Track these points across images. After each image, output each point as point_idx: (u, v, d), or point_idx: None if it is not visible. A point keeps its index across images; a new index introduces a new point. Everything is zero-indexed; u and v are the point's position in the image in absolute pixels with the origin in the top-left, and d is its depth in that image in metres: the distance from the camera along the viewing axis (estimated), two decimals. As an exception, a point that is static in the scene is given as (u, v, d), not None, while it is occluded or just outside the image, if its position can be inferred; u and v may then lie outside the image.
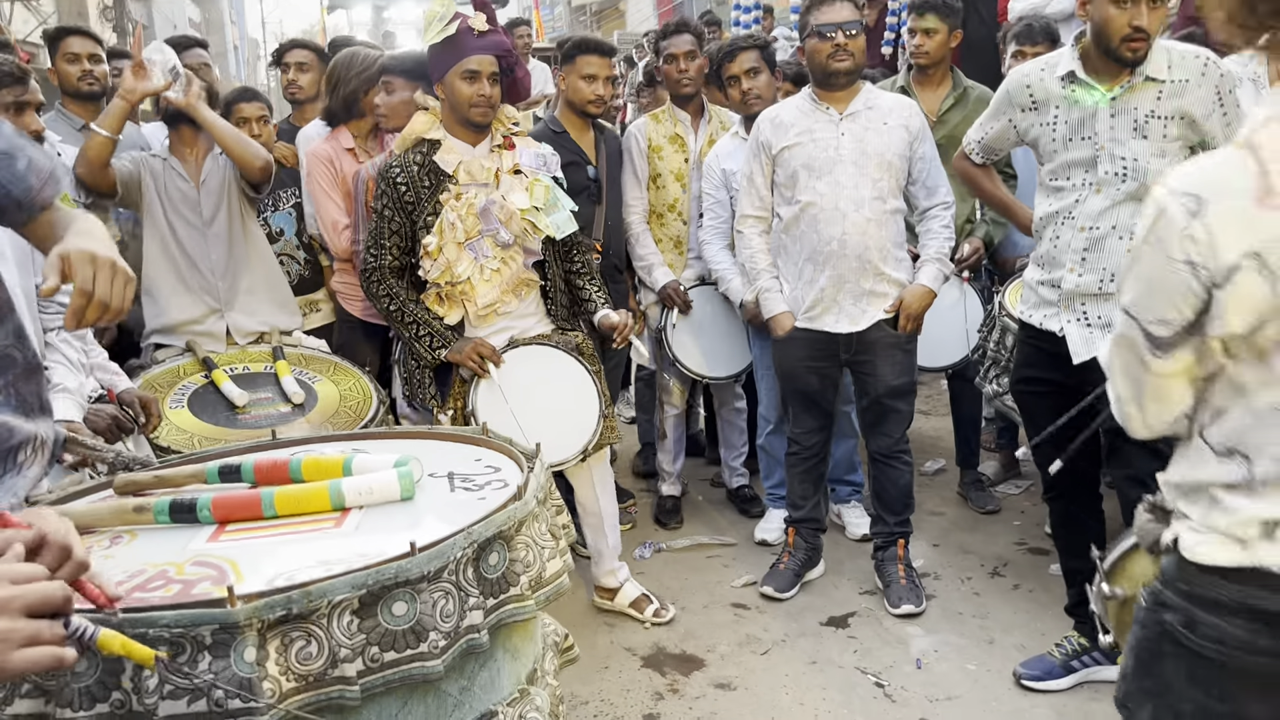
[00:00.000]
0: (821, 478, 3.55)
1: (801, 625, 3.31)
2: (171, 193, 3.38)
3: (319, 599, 1.23)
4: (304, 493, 1.55)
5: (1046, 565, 3.58)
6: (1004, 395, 3.34)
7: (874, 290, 3.23)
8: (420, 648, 1.29)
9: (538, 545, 1.48)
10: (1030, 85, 2.70)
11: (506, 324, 3.08)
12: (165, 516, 1.55)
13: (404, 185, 2.95)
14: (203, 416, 3.08)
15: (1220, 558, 1.34)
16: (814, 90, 3.22)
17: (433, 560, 1.31)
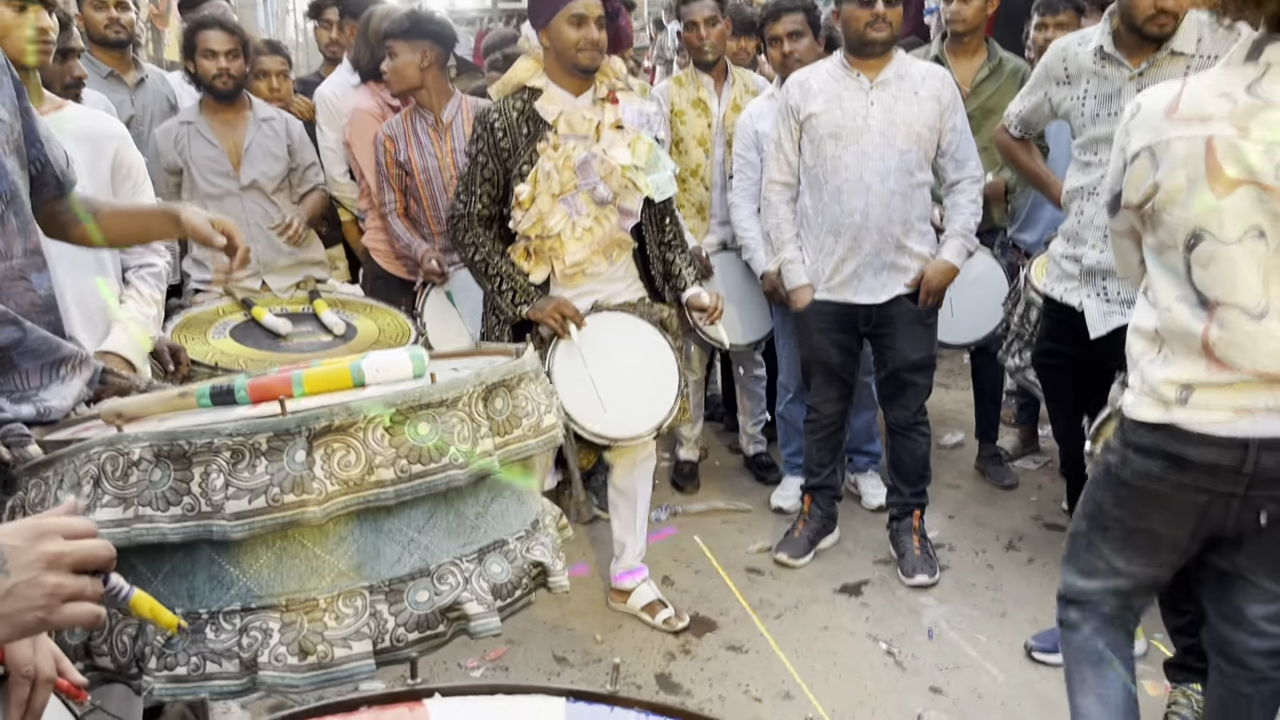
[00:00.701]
0: (839, 446, 3.56)
1: (815, 592, 3.33)
2: (197, 158, 3.39)
3: (356, 413, 1.41)
4: (328, 372, 1.70)
5: (1061, 541, 3.57)
6: (1026, 370, 3.33)
7: (895, 264, 3.21)
8: (443, 460, 1.46)
9: (535, 400, 1.65)
10: (1066, 58, 2.69)
11: (593, 286, 2.94)
12: (206, 400, 1.69)
13: (501, 131, 2.82)
14: (246, 343, 3.12)
15: (1148, 415, 1.82)
16: (845, 56, 3.18)
17: (450, 389, 1.49)
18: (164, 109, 3.91)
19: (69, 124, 2.32)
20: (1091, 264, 2.64)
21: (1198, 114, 1.71)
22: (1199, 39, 2.47)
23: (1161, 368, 1.80)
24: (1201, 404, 1.75)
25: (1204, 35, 2.47)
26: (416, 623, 1.45)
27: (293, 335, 3.21)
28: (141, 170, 2.49)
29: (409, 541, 1.48)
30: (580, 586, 3.36)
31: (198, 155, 3.39)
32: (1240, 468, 1.74)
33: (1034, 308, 3.25)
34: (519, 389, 1.62)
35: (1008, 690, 2.78)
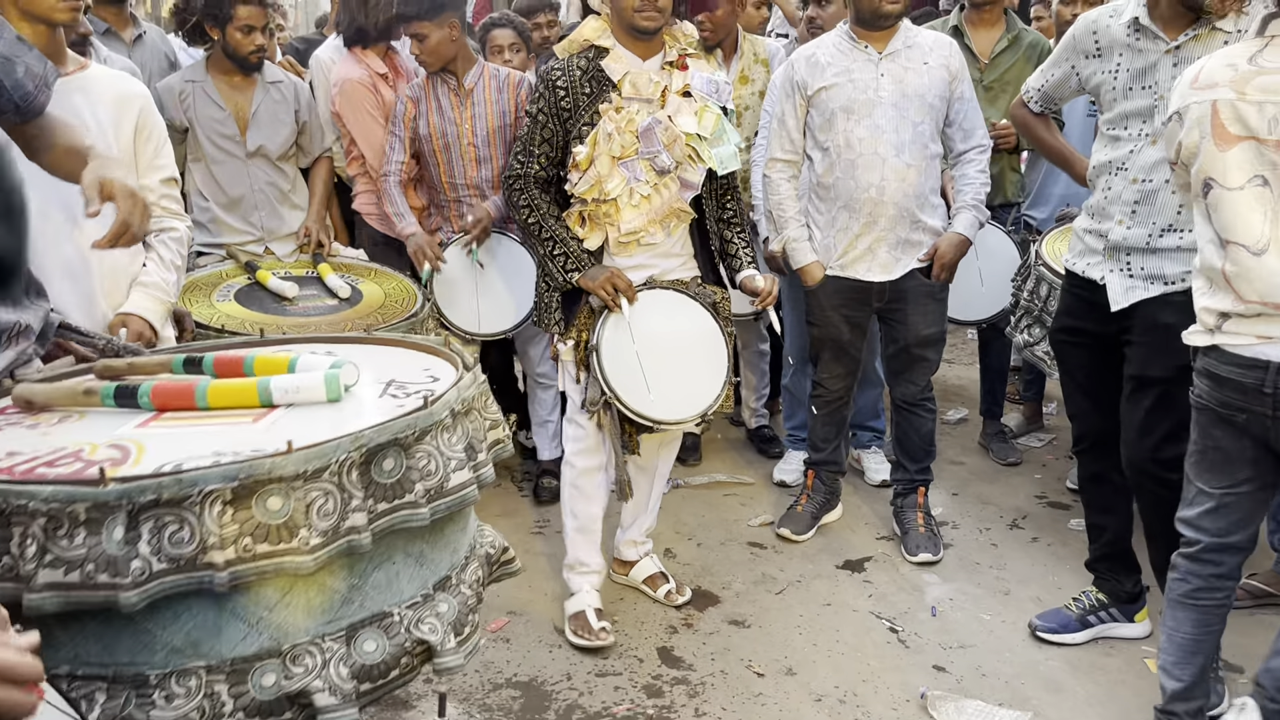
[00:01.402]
0: (844, 422, 3.53)
1: (817, 567, 3.32)
2: (203, 119, 3.33)
3: (190, 487, 1.26)
4: (235, 387, 1.61)
5: (1066, 520, 3.57)
6: (1035, 345, 3.29)
7: (910, 239, 3.16)
8: (293, 542, 1.31)
9: (442, 455, 1.47)
10: (1097, 31, 2.62)
11: (647, 259, 2.81)
12: (111, 400, 1.62)
13: (563, 90, 2.70)
14: (251, 307, 3.09)
15: (1199, 340, 2.15)
16: (853, 28, 3.10)
17: (311, 460, 1.32)
18: (163, 67, 3.83)
19: (93, 85, 2.27)
20: (1117, 240, 2.60)
21: (1209, 82, 2.05)
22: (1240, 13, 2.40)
23: (1207, 298, 2.12)
24: (1232, 330, 2.08)
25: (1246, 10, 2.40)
26: (259, 708, 1.32)
27: (298, 299, 3.16)
28: (163, 133, 2.45)
29: (257, 620, 1.34)
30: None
31: (203, 116, 3.32)
32: (1262, 388, 2.04)
33: (1044, 283, 3.20)
34: (420, 445, 1.44)
35: (1011, 669, 2.77)
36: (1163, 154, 2.50)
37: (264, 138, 3.38)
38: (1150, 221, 2.55)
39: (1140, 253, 2.58)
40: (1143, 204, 2.56)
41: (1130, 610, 2.90)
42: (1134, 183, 2.56)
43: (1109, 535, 2.88)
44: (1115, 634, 2.89)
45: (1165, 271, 2.55)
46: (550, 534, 3.55)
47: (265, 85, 3.41)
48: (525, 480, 3.98)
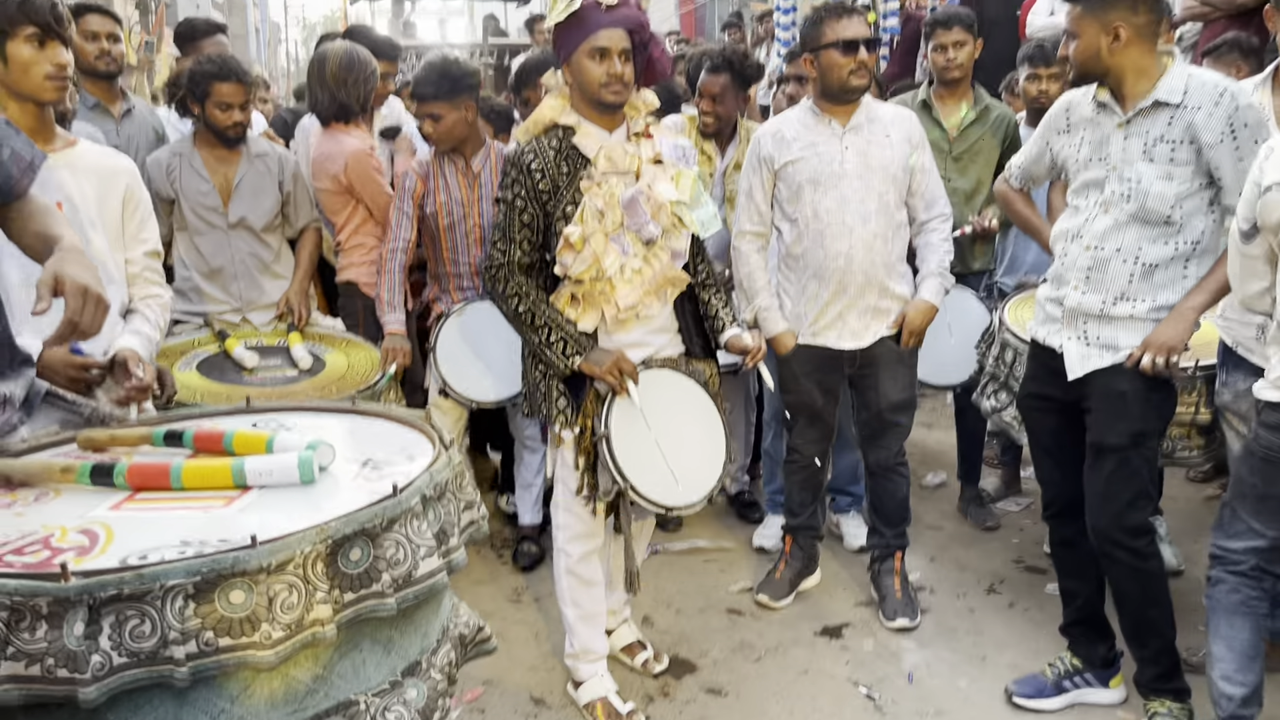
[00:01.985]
0: (820, 486, 3.56)
1: (795, 634, 3.31)
2: (188, 191, 3.40)
3: (151, 582, 1.27)
4: (209, 468, 1.63)
5: (1043, 584, 3.58)
6: (1002, 411, 3.34)
7: (879, 306, 3.22)
8: (254, 636, 1.31)
9: (410, 543, 1.47)
10: (1069, 108, 2.75)
11: (644, 336, 2.77)
12: (87, 479, 1.64)
13: (539, 172, 2.64)
14: (210, 377, 3.13)
15: (1274, 396, 2.29)
16: (816, 102, 3.20)
17: (275, 553, 1.33)
18: (150, 140, 3.91)
19: (80, 161, 2.33)
20: (1073, 305, 2.67)
21: None
22: (1185, 91, 2.50)
23: None
24: None
25: (1190, 88, 2.51)
26: None
27: (258, 369, 3.21)
28: (148, 207, 2.51)
29: (219, 713, 1.35)
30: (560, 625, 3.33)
31: (188, 188, 3.39)
32: None
33: (1009, 349, 3.27)
34: (388, 534, 1.44)
35: (988, 737, 2.76)
36: (1112, 222, 2.60)
37: (246, 209, 3.44)
38: (1104, 288, 2.62)
39: (1095, 320, 2.65)
40: (1095, 270, 2.63)
41: (1105, 675, 2.90)
42: (1087, 249, 2.64)
43: (1081, 600, 2.90)
44: (1090, 700, 2.88)
45: (1119, 342, 2.61)
46: (528, 601, 3.54)
47: (250, 157, 3.48)
48: (504, 546, 3.97)
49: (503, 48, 10.76)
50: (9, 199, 1.84)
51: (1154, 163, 2.54)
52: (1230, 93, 2.49)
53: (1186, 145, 2.51)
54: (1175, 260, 2.57)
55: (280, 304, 3.51)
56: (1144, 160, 2.55)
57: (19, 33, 2.13)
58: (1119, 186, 2.59)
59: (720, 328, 2.89)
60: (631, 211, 2.65)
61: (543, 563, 3.75)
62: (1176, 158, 2.52)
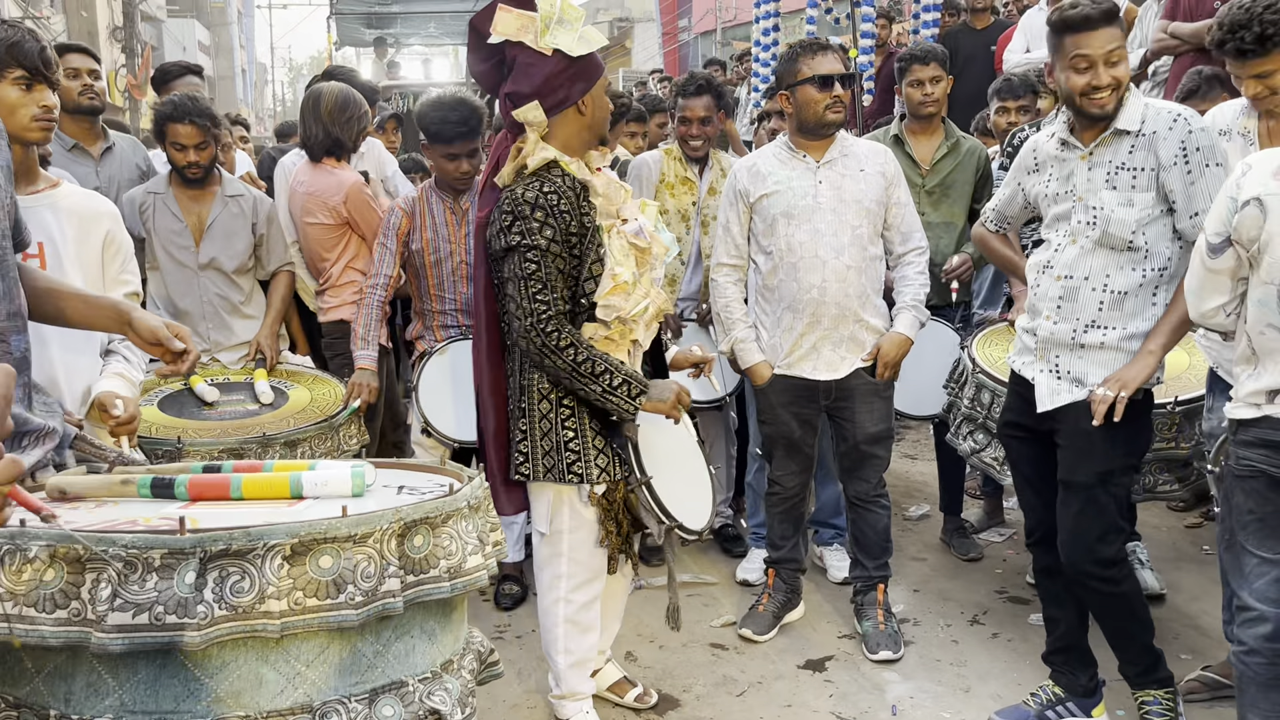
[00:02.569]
0: (801, 518, 3.56)
1: (779, 668, 3.30)
2: (160, 230, 3.41)
3: (256, 540, 1.41)
4: (268, 480, 1.74)
5: (1026, 614, 3.58)
6: (981, 452, 3.35)
7: (853, 338, 3.24)
8: (339, 599, 1.44)
9: (462, 539, 1.61)
10: (1036, 149, 2.82)
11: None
12: (147, 490, 1.72)
13: (568, 214, 2.50)
14: (169, 411, 3.15)
15: (1247, 414, 2.26)
16: (792, 138, 3.25)
17: (359, 525, 1.47)
18: (133, 177, 3.91)
19: (63, 202, 2.36)
20: (1046, 335, 2.72)
21: None
22: (1143, 119, 2.58)
23: (1255, 381, 2.24)
24: None
25: (1147, 116, 2.59)
26: None
27: (219, 404, 3.22)
28: (129, 249, 2.53)
29: (295, 675, 1.47)
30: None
31: (161, 227, 3.41)
32: None
33: (985, 390, 3.29)
34: (444, 527, 1.60)
35: (971, 769, 2.75)
36: (1079, 251, 2.65)
37: (217, 250, 3.45)
38: (1074, 317, 2.67)
39: (1067, 350, 2.68)
40: (1066, 300, 2.68)
41: (1088, 704, 2.90)
42: (1058, 279, 2.69)
43: (1063, 628, 2.90)
44: None
45: (1088, 378, 2.65)
46: (510, 639, 3.51)
47: (224, 198, 3.50)
48: (488, 584, 3.95)
49: (487, 87, 10.84)
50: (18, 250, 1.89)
51: (1116, 190, 2.60)
52: (1184, 118, 2.57)
53: (1146, 171, 2.57)
54: (1144, 287, 2.61)
55: (251, 348, 3.51)
56: (1107, 188, 2.61)
57: (7, 75, 2.16)
58: (1084, 215, 2.65)
59: (665, 347, 2.94)
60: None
61: (525, 601, 3.73)
62: (1138, 184, 2.58)
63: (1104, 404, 2.56)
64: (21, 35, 2.16)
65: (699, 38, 22.08)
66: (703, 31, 21.90)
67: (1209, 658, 3.19)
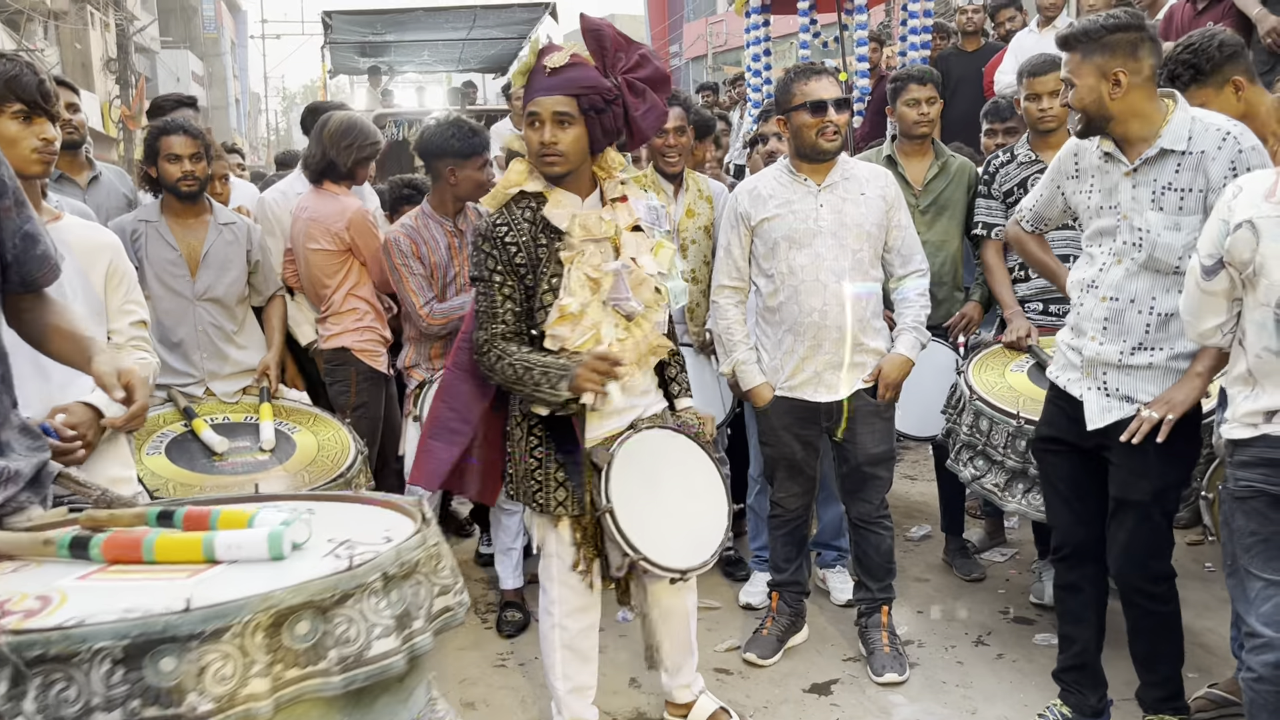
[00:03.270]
0: (804, 540, 3.55)
1: (784, 692, 3.28)
2: (154, 258, 3.39)
3: (79, 643, 1.24)
4: (180, 541, 1.61)
5: (1031, 635, 3.57)
6: (981, 478, 3.35)
7: (854, 360, 3.25)
8: (181, 709, 1.24)
9: (366, 622, 1.39)
10: (1077, 154, 2.78)
11: (629, 402, 2.70)
12: (65, 551, 1.63)
13: (514, 246, 2.57)
14: (179, 463, 3.09)
15: (1243, 434, 2.25)
16: (792, 161, 3.27)
17: (210, 620, 1.27)
18: (120, 206, 3.92)
19: (65, 234, 2.34)
20: (1092, 355, 2.69)
21: None
22: (1189, 137, 2.52)
23: (1253, 402, 2.24)
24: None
25: (1195, 134, 2.53)
26: None
27: (228, 454, 3.17)
28: (133, 279, 2.52)
29: None
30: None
31: (154, 256, 3.38)
32: None
33: (984, 418, 3.29)
34: (340, 609, 1.37)
35: (980, 792, 2.73)
36: (1125, 273, 2.62)
37: (213, 279, 3.45)
38: (1121, 339, 2.64)
39: (1115, 369, 2.66)
40: (1112, 321, 2.65)
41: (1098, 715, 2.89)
42: (1104, 300, 2.66)
43: (1079, 646, 2.87)
44: None
45: (1138, 394, 2.63)
46: (513, 667, 3.49)
47: (218, 226, 3.50)
48: (488, 611, 3.93)
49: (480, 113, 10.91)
50: (27, 290, 1.87)
51: (1163, 211, 2.55)
52: (1233, 135, 2.50)
53: (1194, 193, 2.52)
54: None
55: (259, 370, 3.51)
56: (1153, 209, 2.57)
57: (5, 109, 2.16)
58: (1130, 236, 2.61)
59: (677, 393, 2.91)
60: (615, 287, 2.61)
61: (528, 628, 3.71)
62: (1185, 206, 2.53)
63: (1149, 425, 2.54)
64: (20, 69, 2.16)
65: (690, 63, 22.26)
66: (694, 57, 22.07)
67: (1215, 675, 3.18)
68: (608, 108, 2.53)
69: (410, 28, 11.97)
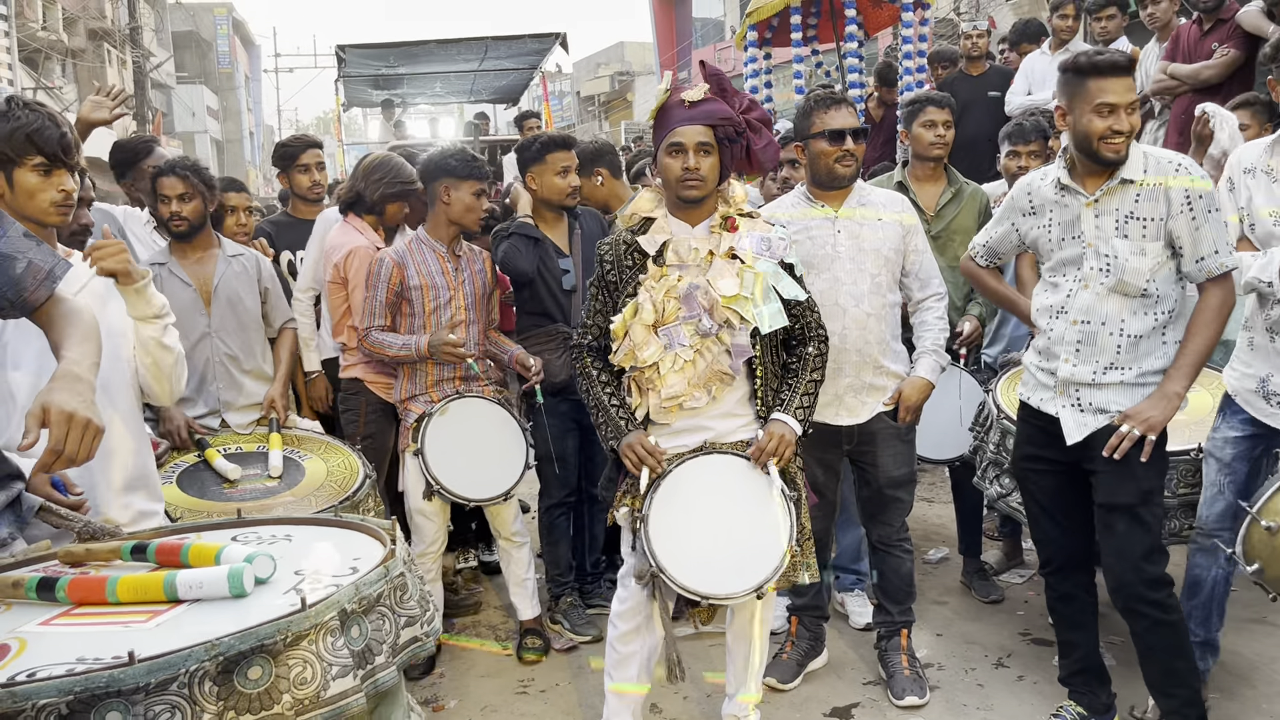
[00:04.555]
0: (824, 565, 3.56)
1: (805, 716, 3.28)
2: (173, 298, 3.38)
3: (23, 701, 1.22)
4: (143, 581, 1.61)
5: (1050, 656, 3.56)
6: (1007, 496, 3.38)
7: (874, 384, 3.27)
8: None
9: (321, 662, 1.37)
10: (1030, 192, 2.88)
11: (697, 423, 2.81)
12: (33, 592, 1.64)
13: (610, 264, 2.87)
14: (190, 492, 3.14)
15: None
16: (809, 189, 3.31)
17: (155, 672, 1.25)
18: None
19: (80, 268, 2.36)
20: (1066, 376, 2.78)
21: None
22: (1145, 169, 2.65)
23: None
24: None
25: (1149, 165, 2.66)
26: None
27: (239, 481, 3.21)
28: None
29: None
30: (568, 717, 3.30)
31: (173, 296, 3.39)
32: None
33: (1009, 436, 3.32)
34: (294, 651, 1.35)
35: (1004, 815, 2.73)
36: (1094, 297, 2.71)
37: (227, 311, 3.51)
38: (1094, 360, 2.74)
39: (1087, 388, 2.76)
40: (1084, 344, 2.74)
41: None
42: (1075, 324, 2.76)
43: (1081, 651, 2.98)
44: None
45: (1110, 406, 2.73)
46: (534, 693, 3.51)
47: (226, 258, 3.57)
48: (509, 638, 3.95)
49: (493, 144, 11.02)
50: (26, 311, 1.86)
51: (1128, 239, 2.66)
52: (1185, 167, 2.65)
53: (1155, 221, 2.63)
54: (1156, 329, 2.69)
55: (265, 404, 3.55)
56: (1118, 237, 2.67)
57: (25, 161, 2.15)
58: (1097, 262, 2.71)
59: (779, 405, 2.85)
60: (688, 304, 2.74)
61: (548, 654, 3.73)
62: (1148, 233, 2.65)
63: (1130, 442, 2.64)
64: (42, 122, 2.16)
65: (699, 89, 22.43)
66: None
67: (1237, 697, 3.17)
68: (738, 139, 2.77)
69: (423, 60, 12.11)
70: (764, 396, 2.85)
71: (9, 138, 2.13)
